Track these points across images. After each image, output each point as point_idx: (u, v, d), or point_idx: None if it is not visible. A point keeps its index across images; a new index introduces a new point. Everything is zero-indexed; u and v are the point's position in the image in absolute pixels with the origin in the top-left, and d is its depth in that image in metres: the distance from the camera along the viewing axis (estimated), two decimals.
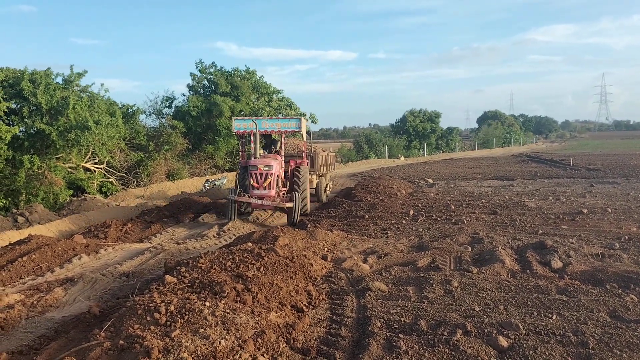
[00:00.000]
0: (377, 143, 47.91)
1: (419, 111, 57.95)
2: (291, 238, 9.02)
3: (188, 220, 14.17)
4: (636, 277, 6.48)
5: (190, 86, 29.60)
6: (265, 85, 30.58)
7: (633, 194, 15.15)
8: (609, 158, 34.46)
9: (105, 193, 20.85)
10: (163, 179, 23.50)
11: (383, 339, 4.93)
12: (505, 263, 7.41)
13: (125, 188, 21.66)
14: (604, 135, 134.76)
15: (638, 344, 4.58)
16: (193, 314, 4.93)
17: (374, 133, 53.23)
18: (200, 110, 27.13)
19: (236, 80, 28.37)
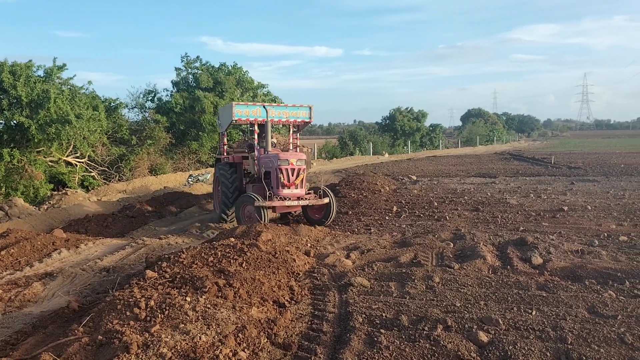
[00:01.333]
0: (361, 140, 48.02)
1: (407, 110, 58.18)
2: (274, 233, 9.01)
3: (170, 215, 14.07)
4: (614, 274, 6.58)
5: (174, 82, 29.35)
6: (249, 80, 30.43)
7: (612, 192, 15.37)
8: (589, 156, 34.93)
9: (87, 187, 20.62)
10: (146, 173, 23.30)
11: (364, 334, 4.94)
12: (486, 259, 7.47)
13: (107, 182, 21.44)
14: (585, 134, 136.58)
15: (615, 339, 4.64)
16: (173, 309, 4.89)
17: (358, 130, 53.35)
18: (184, 106, 26.93)
19: (220, 76, 28.18)
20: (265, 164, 11.79)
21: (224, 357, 4.21)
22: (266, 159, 11.78)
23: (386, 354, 4.51)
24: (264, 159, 11.88)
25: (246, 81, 30.13)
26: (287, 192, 11.33)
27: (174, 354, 4.18)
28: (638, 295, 5.83)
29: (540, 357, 4.36)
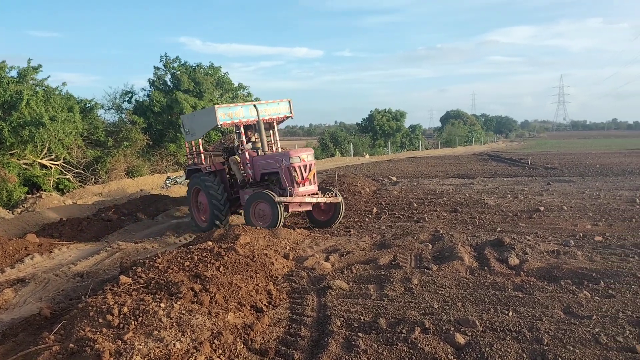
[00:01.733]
0: (342, 141, 48.10)
1: (385, 110, 58.53)
2: (253, 236, 8.94)
3: (147, 218, 13.88)
4: (589, 274, 6.65)
5: (151, 81, 29.00)
6: (229, 81, 30.21)
7: (588, 192, 15.61)
8: (565, 157, 35.47)
9: (62, 190, 20.22)
10: (122, 176, 22.95)
11: (342, 338, 4.91)
12: (464, 260, 7.50)
13: (82, 185, 21.06)
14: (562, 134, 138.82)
15: (590, 339, 4.68)
16: (147, 316, 4.80)
17: (339, 131, 53.46)
18: (162, 106, 26.62)
19: (199, 77, 27.92)
20: (266, 166, 11.29)
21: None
22: (268, 160, 11.26)
23: (364, 358, 4.48)
24: (263, 160, 11.35)
25: (225, 82, 29.91)
26: (302, 190, 10.91)
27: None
28: (612, 295, 5.89)
29: (517, 359, 4.37)
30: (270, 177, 11.39)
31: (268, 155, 11.45)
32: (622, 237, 9.16)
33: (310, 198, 10.94)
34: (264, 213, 10.67)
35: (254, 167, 11.50)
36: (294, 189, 10.72)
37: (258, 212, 10.77)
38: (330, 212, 11.56)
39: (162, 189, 20.16)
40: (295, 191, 10.73)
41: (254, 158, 11.55)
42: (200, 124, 12.14)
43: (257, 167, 11.46)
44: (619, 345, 4.56)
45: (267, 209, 10.58)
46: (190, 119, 12.55)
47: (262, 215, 10.70)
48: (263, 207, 10.69)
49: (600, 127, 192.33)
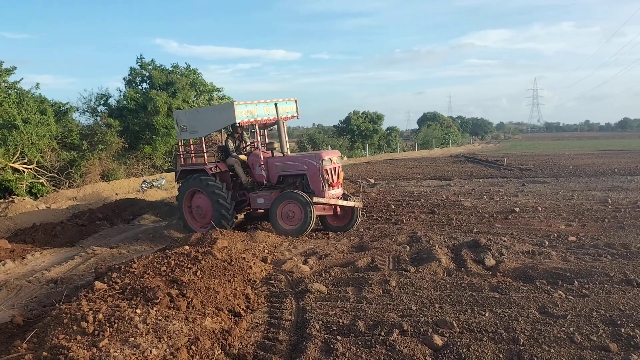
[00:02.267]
0: (320, 143, 48.16)
1: (363, 112, 58.80)
2: (230, 240, 8.87)
3: (123, 222, 13.69)
4: (564, 274, 6.76)
5: (127, 80, 28.69)
6: (204, 83, 30.05)
7: (562, 193, 15.88)
8: (540, 158, 36.04)
9: (35, 194, 19.83)
10: (97, 179, 22.61)
11: (321, 341, 4.90)
12: (441, 262, 7.56)
13: (56, 189, 20.68)
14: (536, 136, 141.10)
15: (565, 339, 4.75)
16: (123, 322, 4.73)
17: (317, 133, 53.54)
18: (138, 104, 26.32)
19: (173, 77, 27.71)
20: (288, 168, 10.83)
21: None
22: (292, 162, 10.84)
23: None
24: (283, 162, 10.88)
25: (201, 84, 29.72)
26: (332, 192, 10.57)
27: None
28: (586, 295, 6.00)
29: (493, 359, 4.42)
30: (287, 180, 10.97)
31: (291, 157, 11.09)
32: (595, 237, 9.33)
33: (343, 202, 10.63)
34: (293, 215, 10.29)
35: (269, 168, 11.00)
36: (325, 192, 10.39)
37: (286, 214, 10.36)
38: (345, 218, 11.17)
39: (138, 193, 19.90)
40: (326, 194, 10.40)
41: (270, 159, 11.03)
42: (208, 121, 11.34)
43: (273, 169, 10.97)
44: (593, 344, 4.64)
45: (298, 211, 10.20)
46: (191, 116, 11.75)
47: (291, 217, 10.32)
48: (293, 208, 10.27)
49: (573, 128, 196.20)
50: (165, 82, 27.44)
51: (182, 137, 11.97)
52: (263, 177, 11.04)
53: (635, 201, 13.42)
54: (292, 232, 10.19)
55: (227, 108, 11.00)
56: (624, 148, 50.63)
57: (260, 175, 11.09)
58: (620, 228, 10.08)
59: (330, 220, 11.17)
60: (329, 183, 10.48)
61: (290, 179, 10.96)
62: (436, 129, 78.53)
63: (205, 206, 11.25)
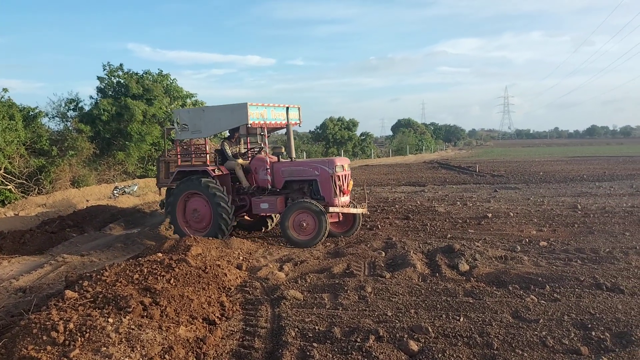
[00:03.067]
0: (295, 149, 48.05)
1: (338, 119, 59.03)
2: (205, 247, 8.78)
3: (94, 230, 13.42)
4: (536, 279, 6.87)
5: (99, 89, 28.20)
6: (177, 88, 29.76)
7: (533, 199, 16.17)
8: (511, 165, 36.66)
9: (3, 202, 19.31)
10: (68, 186, 22.13)
11: (297, 348, 4.87)
12: (416, 267, 7.61)
13: (25, 196, 20.16)
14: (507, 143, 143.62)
15: (538, 343, 4.82)
16: (95, 332, 4.62)
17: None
18: (111, 114, 25.90)
19: (148, 83, 27.37)
20: (296, 173, 10.64)
21: None
22: (301, 167, 10.69)
23: None
24: (291, 167, 10.70)
25: (174, 89, 29.44)
26: (343, 200, 10.43)
27: None
28: (558, 299, 6.11)
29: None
30: (293, 186, 10.77)
31: (300, 162, 10.96)
32: (566, 242, 9.52)
33: (354, 210, 10.56)
34: (306, 225, 10.02)
35: (275, 173, 10.75)
36: (334, 199, 10.21)
37: (298, 224, 10.08)
38: (347, 225, 11.05)
39: (110, 200, 19.56)
40: (336, 202, 10.24)
41: (276, 164, 10.82)
42: (216, 121, 10.93)
43: (279, 174, 10.72)
44: (564, 348, 4.72)
45: (311, 221, 9.99)
46: (195, 115, 11.24)
47: (304, 228, 10.04)
48: (306, 218, 10.02)
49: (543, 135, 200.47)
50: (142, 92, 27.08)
51: (183, 137, 11.48)
52: (268, 181, 10.74)
53: (604, 207, 13.74)
54: (305, 243, 9.92)
55: (239, 108, 10.58)
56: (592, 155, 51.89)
57: (264, 180, 10.79)
58: (590, 233, 10.30)
59: (332, 226, 10.92)
60: (341, 190, 10.37)
61: (296, 185, 10.76)
62: (410, 135, 79.26)
63: (203, 210, 10.81)
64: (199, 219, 10.94)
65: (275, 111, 11.11)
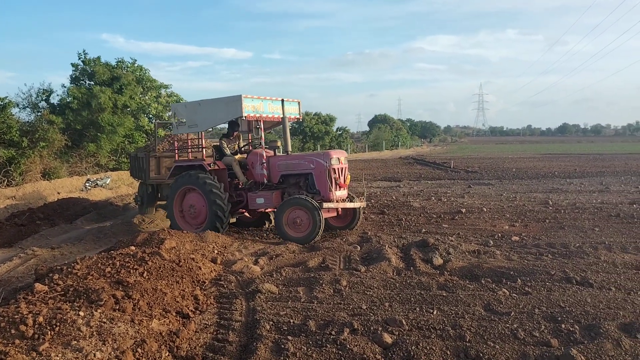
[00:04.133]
0: None
1: (314, 114, 59.05)
2: (179, 241, 8.68)
3: (65, 222, 13.17)
4: (507, 272, 6.98)
5: (72, 77, 27.65)
6: (151, 79, 29.36)
7: (505, 195, 16.42)
8: (485, 161, 37.18)
9: None
10: (38, 178, 21.68)
11: (271, 341, 4.86)
12: (391, 261, 7.66)
13: None
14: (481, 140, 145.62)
15: (509, 335, 4.90)
16: (65, 325, 4.54)
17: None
18: (81, 102, 25.39)
19: (117, 72, 26.90)
20: (292, 167, 10.39)
21: None
22: (296, 160, 10.46)
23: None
24: (287, 160, 10.47)
25: (148, 80, 29.03)
26: (339, 194, 10.12)
27: None
28: (529, 292, 6.21)
29: (441, 356, 4.51)
30: (289, 180, 10.54)
31: (296, 156, 10.72)
32: (537, 237, 9.69)
33: (350, 204, 10.30)
34: (300, 222, 9.70)
35: (271, 167, 10.53)
36: (330, 193, 9.91)
37: (293, 221, 9.77)
38: (347, 218, 10.86)
39: (82, 192, 19.21)
40: (332, 196, 9.93)
41: (272, 158, 10.58)
42: (211, 114, 10.74)
43: (275, 168, 10.50)
44: (535, 340, 4.80)
45: (305, 218, 9.64)
46: (192, 109, 10.99)
47: (298, 224, 9.72)
48: (300, 214, 9.71)
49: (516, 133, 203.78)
50: (109, 78, 26.59)
51: (180, 131, 11.31)
52: (264, 176, 10.52)
53: (574, 203, 14.03)
54: (300, 240, 9.59)
55: (233, 101, 10.34)
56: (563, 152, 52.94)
57: (260, 174, 10.58)
58: (560, 228, 10.50)
59: (332, 220, 10.76)
60: (337, 183, 10.12)
61: (292, 179, 10.53)
62: (386, 131, 79.72)
63: (199, 206, 10.62)
64: (195, 214, 10.77)
65: (272, 104, 10.87)
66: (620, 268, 7.22)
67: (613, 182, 20.04)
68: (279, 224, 9.90)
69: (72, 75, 27.72)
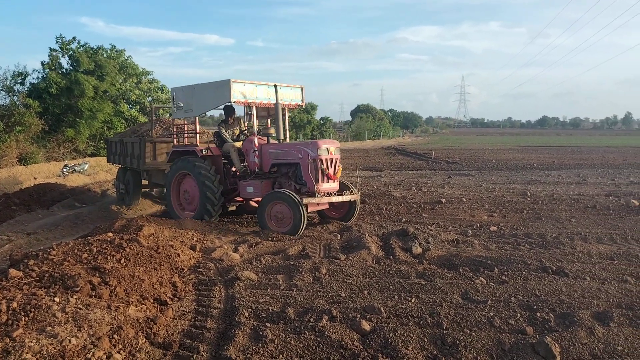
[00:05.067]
0: None
1: None
2: (157, 228, 8.61)
3: (42, 208, 12.96)
4: (485, 262, 7.06)
5: (47, 63, 27.05)
6: (133, 66, 28.92)
7: (485, 186, 16.59)
8: (465, 152, 37.49)
9: None
10: (14, 163, 21.31)
11: (250, 328, 4.84)
12: (371, 250, 7.68)
13: None
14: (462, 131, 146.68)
15: (485, 323, 4.96)
16: (40, 311, 4.47)
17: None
18: (61, 88, 24.92)
19: (100, 59, 26.44)
20: (282, 155, 10.11)
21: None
22: (286, 149, 10.13)
23: (271, 348, 4.45)
24: (277, 149, 10.20)
25: (129, 66, 28.59)
26: (327, 186, 9.73)
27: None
28: (506, 281, 6.29)
29: (418, 343, 4.54)
30: (281, 169, 10.34)
31: (286, 144, 10.40)
32: (515, 227, 9.81)
33: (337, 198, 9.91)
34: (282, 216, 9.42)
35: (263, 156, 10.28)
36: (318, 185, 9.56)
37: (275, 215, 9.50)
38: (343, 209, 10.64)
39: (59, 178, 18.92)
40: (318, 187, 9.56)
41: (264, 146, 10.32)
42: (204, 100, 10.54)
43: (266, 156, 10.25)
44: (511, 328, 4.86)
45: (287, 212, 9.32)
46: (188, 93, 10.80)
47: (280, 219, 9.45)
48: (282, 209, 9.40)
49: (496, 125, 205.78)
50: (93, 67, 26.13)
51: (177, 116, 11.20)
52: (256, 164, 10.31)
53: (552, 194, 14.23)
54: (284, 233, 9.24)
55: (222, 85, 10.03)
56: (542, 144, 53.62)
57: (252, 162, 10.37)
58: (538, 219, 10.65)
59: (328, 212, 10.68)
60: (325, 175, 9.74)
61: (284, 168, 10.29)
62: (368, 121, 79.87)
63: (193, 192, 10.56)
64: (190, 199, 10.74)
65: (269, 90, 10.54)
66: (595, 258, 7.35)
67: (590, 175, 20.38)
68: (261, 217, 9.60)
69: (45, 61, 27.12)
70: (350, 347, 4.47)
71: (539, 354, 4.34)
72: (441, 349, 4.46)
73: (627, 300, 5.48)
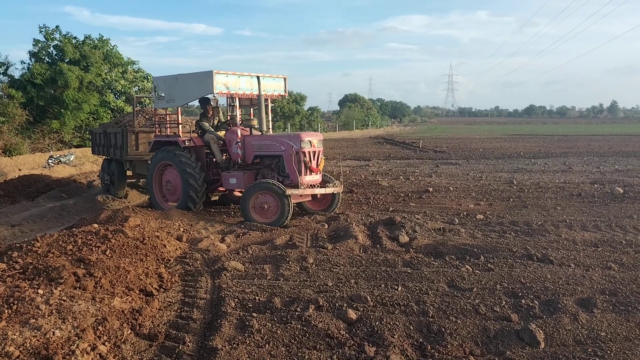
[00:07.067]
0: None
1: None
2: (143, 218, 8.57)
3: (26, 200, 12.82)
4: (471, 250, 7.10)
5: (32, 53, 26.64)
6: (118, 55, 28.58)
7: (472, 174, 16.68)
8: (453, 141, 37.63)
9: None
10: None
11: (236, 319, 4.84)
12: (358, 239, 7.70)
13: None
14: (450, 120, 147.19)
15: (471, 310, 4.99)
16: (23, 303, 4.43)
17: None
18: (45, 79, 24.58)
19: (86, 49, 26.10)
20: (265, 147, 10.08)
21: (81, 352, 3.90)
22: (269, 141, 10.09)
23: (257, 338, 4.45)
24: (260, 141, 10.14)
25: (115, 56, 28.26)
26: (309, 179, 9.68)
27: (23, 352, 3.79)
28: (491, 269, 6.34)
29: (404, 331, 4.57)
30: (264, 161, 10.29)
31: (269, 136, 10.34)
32: (501, 215, 9.87)
33: (320, 190, 9.92)
34: (268, 207, 9.34)
35: (246, 147, 10.23)
36: (300, 177, 9.52)
37: (259, 206, 9.41)
38: (325, 201, 10.55)
39: (44, 169, 18.72)
40: (301, 180, 9.52)
41: (247, 137, 10.26)
42: (186, 90, 10.47)
43: (249, 148, 10.21)
44: (496, 315, 4.90)
45: (273, 203, 9.27)
46: (169, 83, 10.71)
47: (265, 210, 9.37)
48: (267, 199, 9.34)
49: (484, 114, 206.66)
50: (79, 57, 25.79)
51: (159, 106, 11.16)
52: (239, 155, 10.26)
53: (538, 182, 14.33)
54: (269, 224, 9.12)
55: (205, 76, 9.99)
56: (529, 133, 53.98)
57: (236, 153, 10.31)
58: (524, 207, 10.73)
59: (309, 204, 10.59)
60: (308, 167, 9.70)
61: (267, 160, 10.25)
62: (356, 110, 79.76)
63: (176, 182, 10.53)
64: (172, 190, 10.76)
65: (251, 81, 10.47)
66: (579, 245, 7.42)
67: (576, 163, 20.57)
68: (244, 208, 9.50)
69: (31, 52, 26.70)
70: (337, 336, 4.48)
71: (523, 341, 4.38)
72: (427, 337, 4.49)
73: (611, 286, 5.54)
